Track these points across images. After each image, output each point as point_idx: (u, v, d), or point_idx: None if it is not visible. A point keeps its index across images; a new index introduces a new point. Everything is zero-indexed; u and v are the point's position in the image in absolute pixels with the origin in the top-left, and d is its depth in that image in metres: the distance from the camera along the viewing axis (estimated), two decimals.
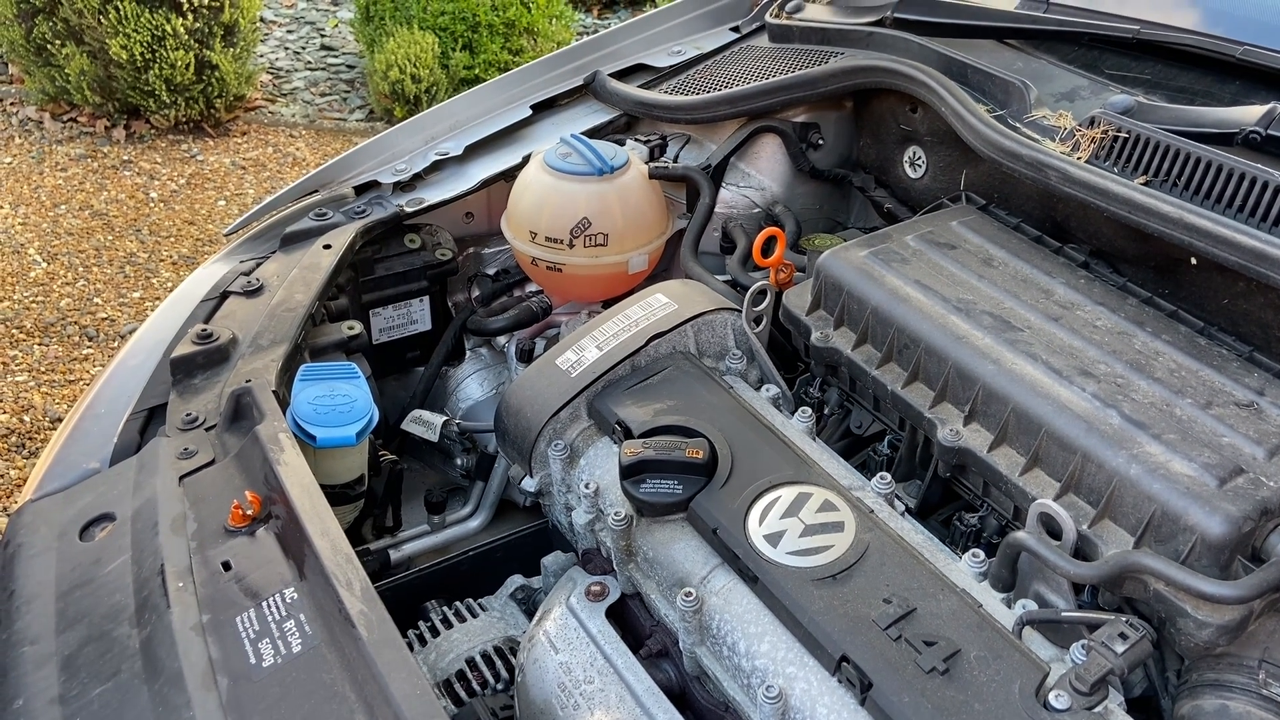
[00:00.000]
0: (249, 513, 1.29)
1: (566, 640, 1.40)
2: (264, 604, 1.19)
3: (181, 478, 1.39)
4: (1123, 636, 1.10)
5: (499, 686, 1.54)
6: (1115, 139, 1.61)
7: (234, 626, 1.17)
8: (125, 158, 5.10)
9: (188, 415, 1.51)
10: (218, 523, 1.30)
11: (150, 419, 1.57)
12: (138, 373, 1.64)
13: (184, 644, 1.16)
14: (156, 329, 1.73)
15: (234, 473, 1.38)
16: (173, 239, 4.58)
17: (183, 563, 1.26)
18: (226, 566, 1.24)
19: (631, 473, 1.36)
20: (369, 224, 1.97)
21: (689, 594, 1.26)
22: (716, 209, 2.13)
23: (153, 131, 5.28)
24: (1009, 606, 1.22)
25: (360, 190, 2.09)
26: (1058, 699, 1.06)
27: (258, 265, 1.87)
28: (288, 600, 1.18)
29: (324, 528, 1.23)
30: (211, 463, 1.42)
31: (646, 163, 2.12)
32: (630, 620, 1.46)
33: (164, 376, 1.61)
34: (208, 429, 1.49)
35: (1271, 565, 1.15)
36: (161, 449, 1.45)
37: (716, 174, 2.15)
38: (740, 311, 1.63)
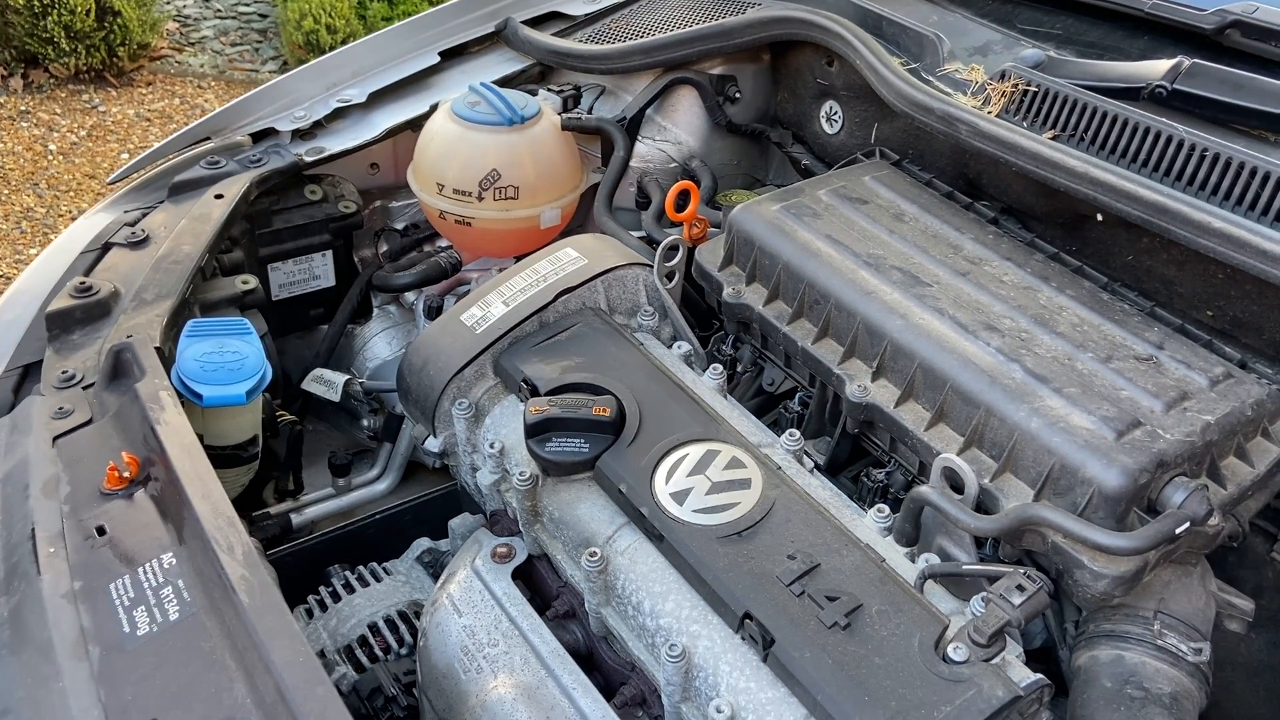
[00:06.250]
0: (126, 475, 1.23)
1: (470, 603, 1.37)
2: (140, 570, 1.13)
3: (55, 438, 1.32)
4: (1020, 588, 1.10)
5: (403, 651, 1.51)
6: (1025, 93, 1.60)
7: (107, 594, 1.11)
8: (22, 108, 4.84)
9: (64, 373, 1.43)
10: (93, 485, 1.24)
11: (25, 377, 1.49)
12: (12, 328, 1.56)
13: (54, 612, 1.10)
14: (33, 282, 1.63)
15: (111, 433, 1.31)
16: (72, 193, 4.37)
17: (54, 527, 1.19)
18: (101, 531, 1.18)
19: (537, 431, 1.32)
20: (265, 173, 1.89)
21: (594, 554, 1.23)
22: (632, 163, 2.08)
23: (52, 81, 5.02)
24: (912, 561, 1.22)
25: (256, 138, 2.00)
26: (956, 651, 1.07)
27: (143, 215, 1.77)
28: (165, 566, 1.13)
29: (205, 490, 1.17)
30: (88, 422, 1.34)
31: (559, 114, 2.07)
32: (538, 581, 1.43)
33: (39, 332, 1.53)
34: (85, 387, 1.41)
35: (1166, 517, 1.17)
36: (35, 408, 1.38)
37: (632, 127, 2.10)
38: (652, 267, 1.60)
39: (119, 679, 1.03)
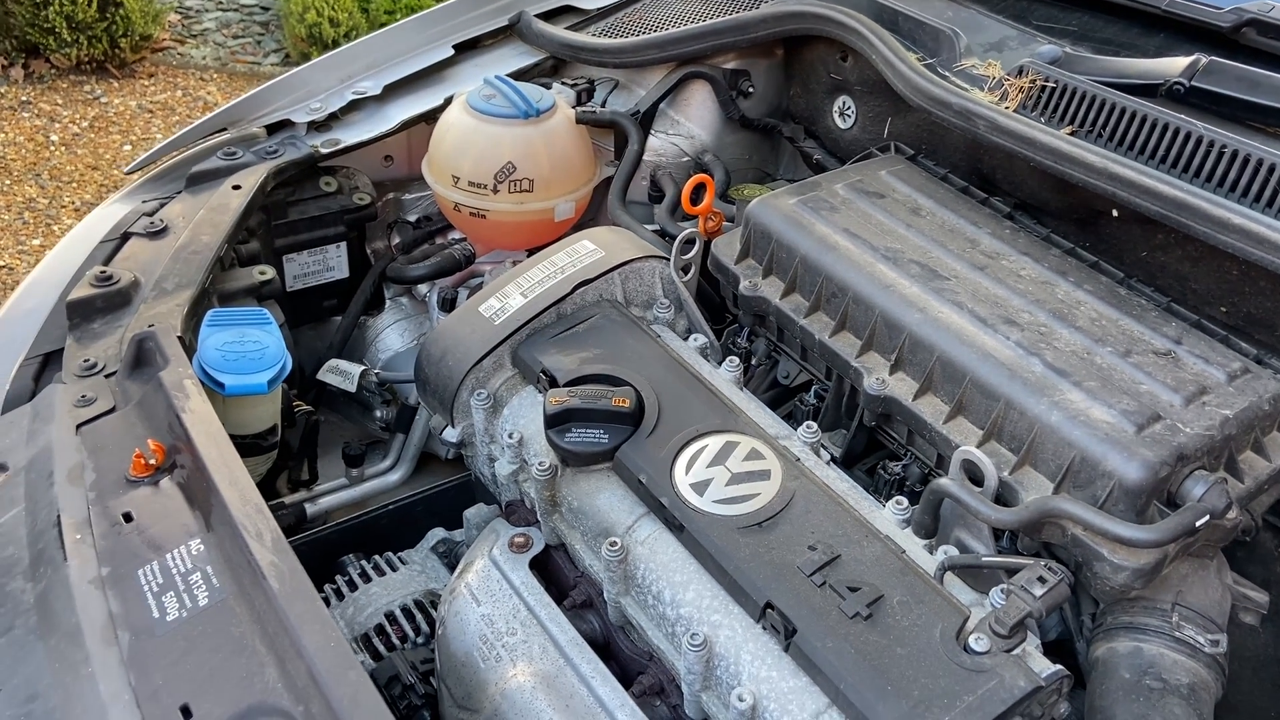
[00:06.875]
0: (152, 462, 1.23)
1: (489, 592, 1.37)
2: (168, 556, 1.13)
3: (79, 426, 1.32)
4: (1041, 580, 1.11)
5: (419, 640, 1.51)
6: (1043, 89, 1.61)
7: (135, 580, 1.11)
8: (24, 98, 4.83)
9: (86, 361, 1.43)
10: (118, 473, 1.24)
11: (45, 365, 1.49)
12: (32, 316, 1.56)
13: (82, 598, 1.10)
14: (53, 270, 1.63)
15: (136, 421, 1.31)
16: (75, 184, 4.37)
17: (80, 514, 1.19)
18: (128, 518, 1.18)
19: (556, 422, 1.33)
20: (281, 165, 1.89)
21: (614, 543, 1.24)
22: (645, 157, 2.09)
23: (53, 71, 5.01)
24: (931, 552, 1.23)
25: (272, 129, 2.00)
26: (977, 642, 1.07)
27: (161, 205, 1.77)
28: (193, 552, 1.13)
29: (232, 477, 1.17)
30: (111, 410, 1.34)
31: (573, 107, 2.07)
32: (554, 572, 1.44)
33: (60, 320, 1.53)
34: (107, 376, 1.41)
35: (1187, 510, 1.17)
36: (57, 396, 1.37)
37: (645, 120, 2.11)
38: (668, 260, 1.60)
39: (149, 664, 1.03)
